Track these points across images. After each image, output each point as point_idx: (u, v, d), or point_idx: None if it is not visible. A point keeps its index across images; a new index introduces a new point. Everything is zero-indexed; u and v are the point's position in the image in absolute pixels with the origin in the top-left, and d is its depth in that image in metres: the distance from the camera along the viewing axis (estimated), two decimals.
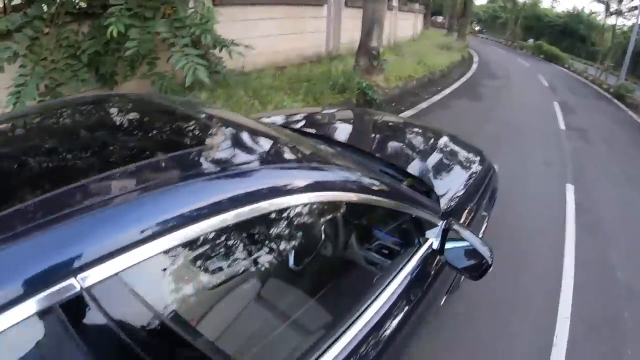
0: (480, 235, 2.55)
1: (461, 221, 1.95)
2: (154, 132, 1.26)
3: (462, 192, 2.16)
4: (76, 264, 0.66)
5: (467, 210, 2.05)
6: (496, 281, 3.13)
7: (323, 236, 1.46)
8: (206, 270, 1.00)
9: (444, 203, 1.93)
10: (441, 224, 1.64)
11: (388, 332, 1.35)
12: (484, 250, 1.53)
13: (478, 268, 1.54)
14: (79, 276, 0.66)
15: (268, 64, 8.19)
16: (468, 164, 2.52)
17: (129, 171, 0.89)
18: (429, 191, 1.99)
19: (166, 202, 0.81)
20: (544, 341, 2.67)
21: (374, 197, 1.34)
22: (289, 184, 1.06)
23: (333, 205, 1.32)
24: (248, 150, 1.21)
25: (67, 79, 4.48)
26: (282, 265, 1.30)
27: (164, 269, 0.84)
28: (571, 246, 3.83)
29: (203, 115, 1.42)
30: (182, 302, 0.93)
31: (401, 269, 1.48)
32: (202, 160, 1.05)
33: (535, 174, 5.60)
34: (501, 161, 5.04)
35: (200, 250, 0.94)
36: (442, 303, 2.29)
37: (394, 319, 1.38)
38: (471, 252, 1.54)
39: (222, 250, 1.01)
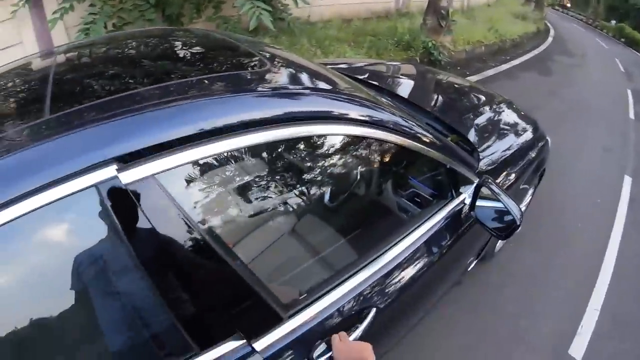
0: (523, 208, 2.52)
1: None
2: (214, 61, 1.34)
3: (506, 156, 2.13)
4: (118, 154, 0.76)
5: (505, 174, 2.03)
6: (534, 258, 3.12)
7: (359, 175, 1.52)
8: (243, 182, 1.08)
9: (484, 163, 1.94)
10: (476, 181, 1.66)
11: (405, 276, 1.40)
12: (515, 211, 1.54)
13: (506, 228, 1.56)
14: (120, 167, 0.76)
15: (335, 16, 8.09)
16: (519, 132, 2.46)
17: (179, 83, 0.98)
18: (472, 151, 1.99)
19: (210, 112, 0.89)
20: (568, 328, 2.64)
21: (416, 143, 1.37)
22: (336, 112, 1.13)
23: (374, 144, 1.37)
24: (300, 79, 1.27)
25: (134, 19, 4.65)
26: (316, 189, 1.38)
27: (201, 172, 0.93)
28: (616, 240, 3.65)
29: (264, 51, 1.47)
30: (213, 208, 1.01)
31: (429, 218, 1.52)
32: (252, 80, 1.12)
33: (593, 158, 5.31)
34: (560, 138, 4.87)
35: (242, 163, 1.02)
36: (470, 267, 2.32)
37: (412, 265, 1.43)
38: (501, 212, 1.56)
39: (263, 166, 1.10)
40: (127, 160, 0.77)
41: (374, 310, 1.26)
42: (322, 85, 1.28)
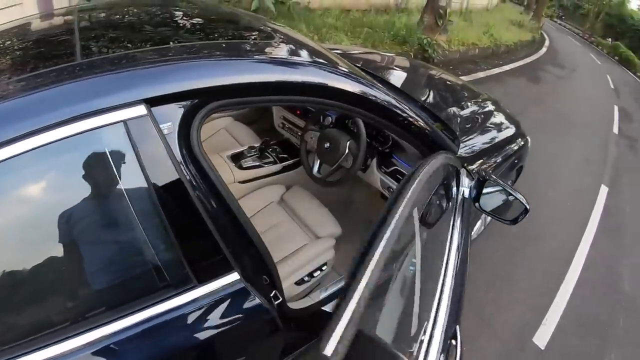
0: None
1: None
2: (213, 29, 1.43)
3: (484, 147, 2.20)
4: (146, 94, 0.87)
5: (480, 162, 2.08)
6: (505, 251, 3.27)
7: (347, 149, 1.61)
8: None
9: (463, 151, 2.01)
10: (476, 177, 1.76)
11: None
12: (522, 198, 1.66)
13: (515, 213, 1.70)
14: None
15: (334, 5, 8.30)
16: (501, 128, 2.55)
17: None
18: (454, 139, 2.06)
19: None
20: (533, 318, 2.82)
21: (405, 115, 1.46)
22: (329, 83, 1.22)
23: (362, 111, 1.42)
24: (301, 51, 1.36)
25: None
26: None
27: None
28: (586, 244, 3.79)
29: (261, 25, 1.55)
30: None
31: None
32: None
33: (573, 167, 5.50)
34: (541, 145, 5.04)
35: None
36: None
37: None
38: (507, 200, 1.70)
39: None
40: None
41: None
42: (317, 59, 1.34)
